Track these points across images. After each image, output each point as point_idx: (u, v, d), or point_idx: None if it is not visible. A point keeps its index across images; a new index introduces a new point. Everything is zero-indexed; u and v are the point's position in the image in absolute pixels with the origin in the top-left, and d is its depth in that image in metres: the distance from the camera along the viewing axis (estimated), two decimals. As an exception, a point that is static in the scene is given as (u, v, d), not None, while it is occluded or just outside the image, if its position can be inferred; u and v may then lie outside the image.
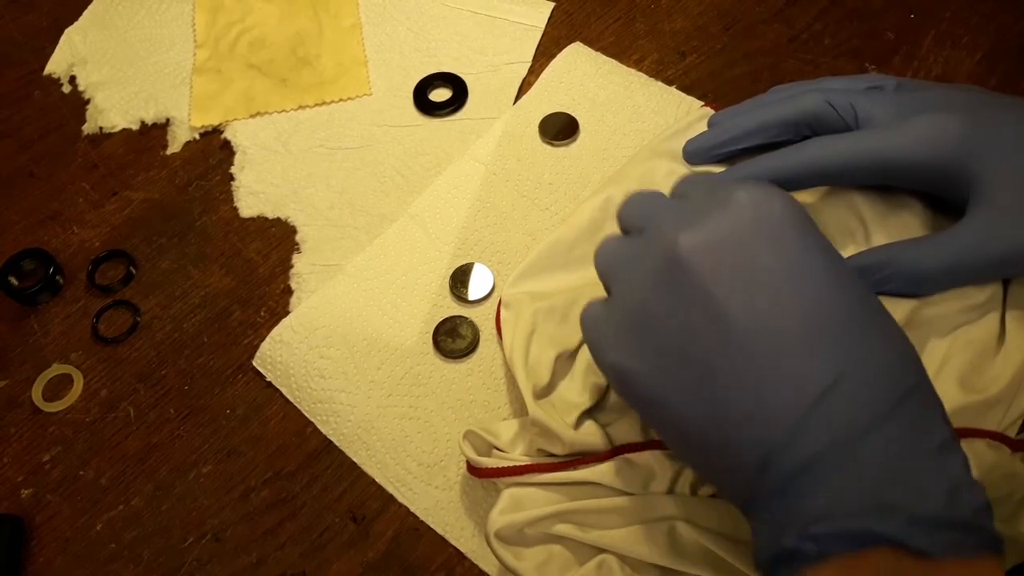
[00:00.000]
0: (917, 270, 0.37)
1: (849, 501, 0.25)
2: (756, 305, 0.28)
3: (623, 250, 0.33)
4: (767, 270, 0.28)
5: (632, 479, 0.35)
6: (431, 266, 0.45)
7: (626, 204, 0.35)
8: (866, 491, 0.25)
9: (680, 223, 0.30)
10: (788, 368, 0.27)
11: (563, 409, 0.37)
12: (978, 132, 0.37)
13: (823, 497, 0.25)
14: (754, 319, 0.27)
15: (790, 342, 0.27)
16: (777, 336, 0.27)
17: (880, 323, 0.28)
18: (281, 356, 0.43)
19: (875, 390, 0.26)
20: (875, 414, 0.26)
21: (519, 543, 0.35)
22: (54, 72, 0.56)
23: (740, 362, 0.27)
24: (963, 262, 0.37)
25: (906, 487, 0.25)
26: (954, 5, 0.55)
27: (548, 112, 0.50)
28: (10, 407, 0.43)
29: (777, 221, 0.29)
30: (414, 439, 0.40)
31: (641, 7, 0.57)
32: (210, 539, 0.39)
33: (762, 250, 0.28)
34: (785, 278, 0.28)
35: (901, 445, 0.26)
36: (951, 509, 0.25)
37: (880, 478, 0.25)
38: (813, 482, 0.26)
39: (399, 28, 0.56)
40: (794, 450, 0.26)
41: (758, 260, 0.28)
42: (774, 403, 0.26)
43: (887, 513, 0.24)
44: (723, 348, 0.28)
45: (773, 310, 0.27)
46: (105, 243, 0.48)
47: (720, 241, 0.29)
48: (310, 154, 0.51)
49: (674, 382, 0.29)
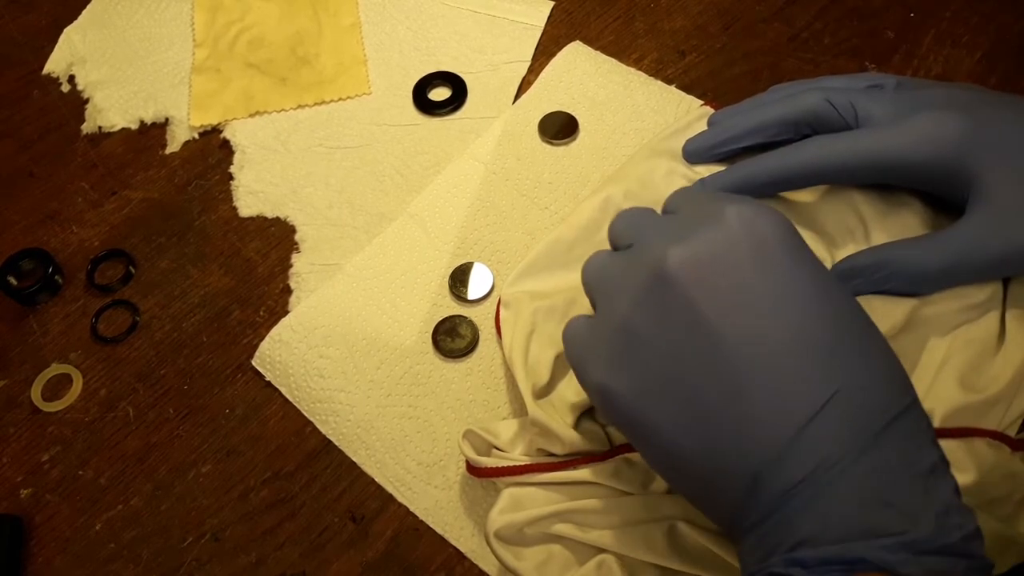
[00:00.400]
0: (917, 269, 0.37)
1: (837, 525, 0.25)
2: (745, 324, 0.27)
3: (611, 265, 0.32)
4: (756, 288, 0.28)
5: (632, 479, 0.35)
6: (430, 265, 0.45)
7: (616, 220, 0.34)
8: (855, 515, 0.25)
9: (669, 239, 0.29)
10: (778, 389, 0.26)
11: (563, 409, 0.37)
12: (978, 131, 0.37)
13: (811, 520, 0.25)
14: (743, 338, 0.27)
15: (780, 363, 0.26)
16: (766, 356, 0.27)
17: (871, 343, 0.28)
18: (280, 356, 0.43)
19: (866, 412, 0.26)
20: (865, 437, 0.25)
21: (519, 543, 0.35)
22: (53, 72, 0.56)
23: (728, 382, 0.27)
24: (963, 261, 0.36)
25: (896, 511, 0.25)
26: (954, 4, 0.55)
27: (548, 111, 0.50)
28: (9, 407, 0.43)
29: (767, 239, 0.29)
30: (413, 439, 0.40)
31: (641, 6, 0.57)
32: (209, 539, 0.39)
33: (751, 268, 0.28)
34: (775, 297, 0.27)
35: (891, 468, 0.25)
36: (941, 534, 0.24)
37: (869, 502, 0.25)
38: (801, 505, 0.25)
39: (398, 27, 0.56)
40: (783, 472, 0.25)
41: (747, 278, 0.28)
42: (763, 424, 0.26)
43: (876, 538, 0.24)
44: (710, 367, 0.27)
45: (762, 330, 0.27)
46: (104, 243, 0.48)
47: (709, 258, 0.28)
48: (309, 153, 0.51)
49: (659, 403, 0.28)
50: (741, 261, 0.28)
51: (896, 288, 0.37)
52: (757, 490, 0.26)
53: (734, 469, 0.26)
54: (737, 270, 0.28)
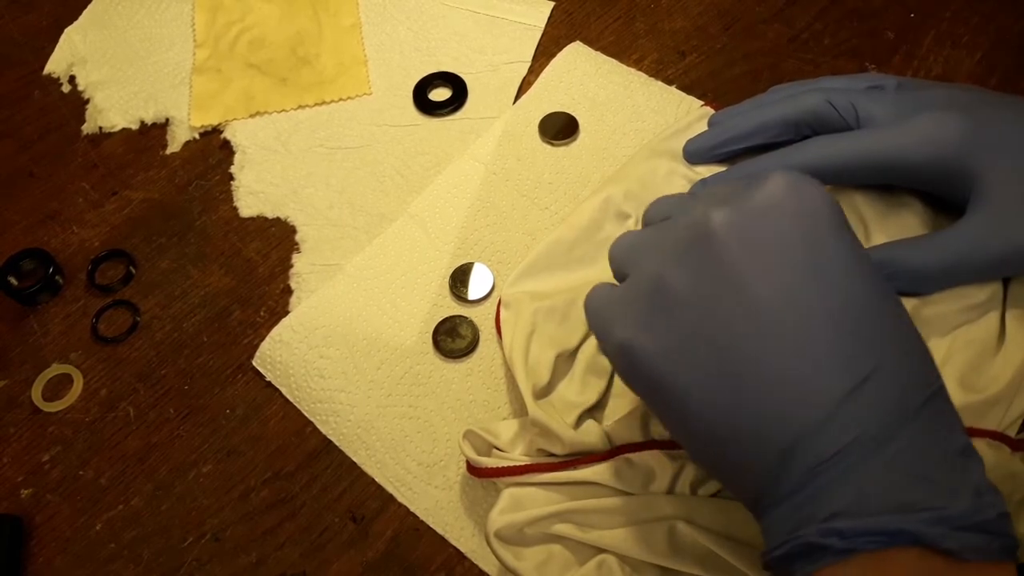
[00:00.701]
0: (918, 269, 0.37)
1: (875, 498, 0.24)
2: (788, 288, 0.26)
3: (644, 237, 0.31)
4: (800, 255, 0.27)
5: (632, 479, 0.35)
6: (431, 266, 0.45)
7: (653, 204, 0.34)
8: (893, 489, 0.25)
9: (710, 204, 0.29)
10: (821, 356, 0.26)
11: (563, 409, 0.37)
12: (979, 131, 0.37)
13: (848, 493, 0.25)
14: (787, 302, 0.26)
15: (823, 330, 0.26)
16: (810, 322, 0.26)
17: (907, 325, 0.28)
18: (281, 356, 0.43)
19: (904, 389, 0.26)
20: (904, 412, 0.25)
21: (519, 543, 0.35)
22: (54, 72, 0.56)
23: (768, 345, 0.26)
24: (963, 261, 0.36)
25: (934, 487, 0.25)
26: (954, 5, 0.55)
27: (548, 112, 0.50)
28: (10, 407, 0.43)
29: (813, 208, 0.28)
30: (414, 439, 0.40)
31: (641, 7, 0.57)
32: (210, 539, 0.39)
33: (797, 234, 0.27)
34: (818, 267, 0.27)
35: (928, 445, 0.25)
36: (978, 511, 0.24)
37: (908, 476, 0.25)
38: (839, 477, 0.25)
39: (399, 28, 0.56)
40: (820, 443, 0.25)
41: (792, 243, 0.27)
42: (804, 392, 0.26)
43: (915, 512, 0.24)
44: (750, 329, 0.26)
45: (806, 297, 0.26)
46: (105, 243, 0.48)
47: (754, 219, 0.28)
48: (310, 154, 0.51)
49: (690, 363, 0.27)
50: (786, 227, 0.27)
51: (897, 288, 0.37)
52: (791, 460, 0.25)
53: (767, 437, 0.26)
54: (782, 235, 0.27)
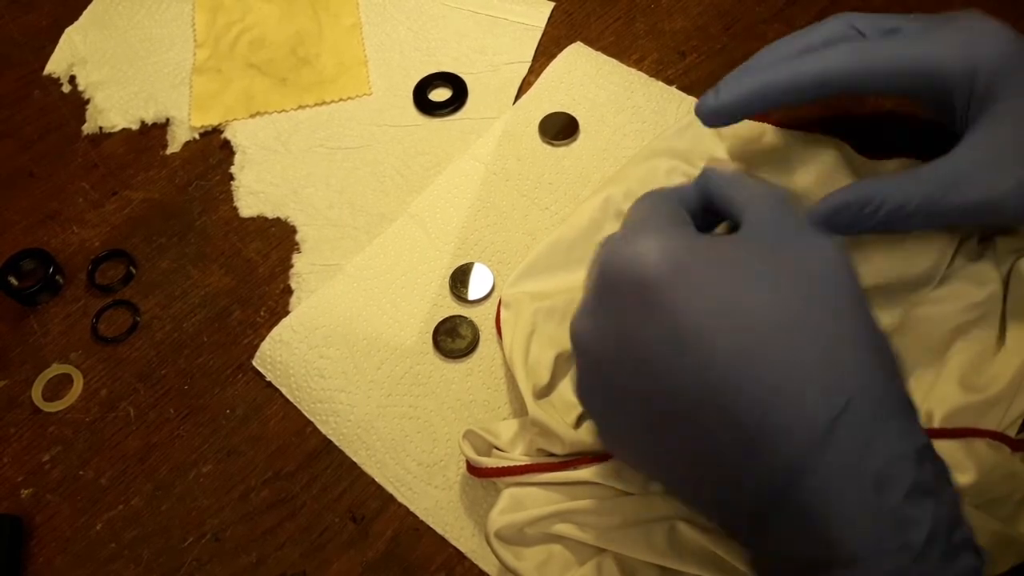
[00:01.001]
0: (900, 203, 0.35)
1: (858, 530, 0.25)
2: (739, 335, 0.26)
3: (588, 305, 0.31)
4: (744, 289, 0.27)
5: (632, 479, 0.35)
6: (431, 266, 0.45)
7: (636, 203, 0.33)
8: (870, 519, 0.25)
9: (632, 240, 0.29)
10: (800, 392, 0.26)
11: (563, 409, 0.37)
12: (1014, 57, 0.36)
13: (835, 530, 0.25)
14: (738, 353, 0.26)
15: (789, 374, 0.26)
16: (772, 365, 0.26)
17: (872, 333, 0.27)
18: (281, 356, 0.43)
19: (868, 412, 0.26)
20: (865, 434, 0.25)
21: (519, 543, 0.35)
22: (54, 72, 0.56)
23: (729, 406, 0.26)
24: (950, 194, 0.35)
25: None
26: (954, 5, 0.55)
27: (548, 112, 0.50)
28: (10, 407, 0.43)
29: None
30: (414, 439, 0.40)
31: (641, 7, 0.57)
32: (210, 539, 0.39)
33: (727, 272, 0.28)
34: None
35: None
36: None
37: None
38: (819, 515, 0.25)
39: (399, 28, 0.56)
40: (802, 489, 0.25)
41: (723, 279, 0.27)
42: (788, 429, 0.25)
43: None
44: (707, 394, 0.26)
45: (763, 340, 0.26)
46: (105, 243, 0.48)
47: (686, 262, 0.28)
48: (310, 154, 0.51)
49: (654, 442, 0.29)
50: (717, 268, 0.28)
51: (881, 223, 0.36)
52: (774, 511, 0.26)
53: (755, 471, 0.26)
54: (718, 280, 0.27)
